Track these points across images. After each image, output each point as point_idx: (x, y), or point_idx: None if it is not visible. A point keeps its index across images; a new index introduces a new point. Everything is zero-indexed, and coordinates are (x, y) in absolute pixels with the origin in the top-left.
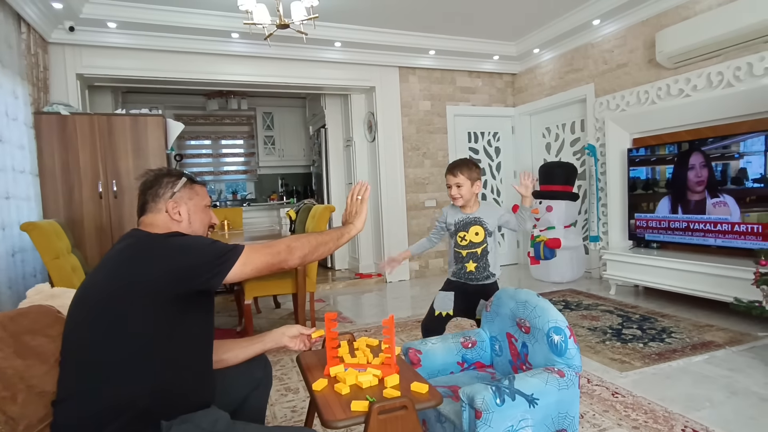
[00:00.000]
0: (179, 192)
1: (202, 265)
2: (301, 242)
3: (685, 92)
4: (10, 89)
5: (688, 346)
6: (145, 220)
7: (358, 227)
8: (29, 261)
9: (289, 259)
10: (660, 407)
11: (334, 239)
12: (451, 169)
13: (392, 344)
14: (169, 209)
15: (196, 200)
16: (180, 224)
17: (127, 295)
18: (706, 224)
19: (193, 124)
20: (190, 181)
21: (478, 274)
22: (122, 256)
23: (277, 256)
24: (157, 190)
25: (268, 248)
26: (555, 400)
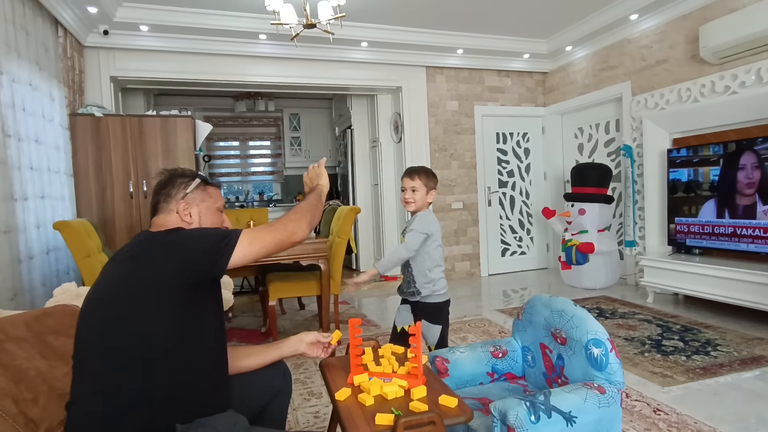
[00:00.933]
0: (192, 193)
1: (207, 250)
2: (299, 214)
3: (731, 89)
4: (47, 91)
5: (736, 361)
6: (157, 221)
7: (324, 184)
8: (62, 259)
9: (297, 230)
10: (708, 427)
11: (318, 200)
12: (410, 173)
13: (419, 353)
14: (180, 210)
15: (209, 202)
16: (190, 226)
17: (134, 293)
18: (756, 230)
19: (221, 126)
20: (204, 182)
21: (405, 286)
22: (128, 256)
23: (285, 231)
24: (170, 191)
25: (273, 225)
26: (595, 419)
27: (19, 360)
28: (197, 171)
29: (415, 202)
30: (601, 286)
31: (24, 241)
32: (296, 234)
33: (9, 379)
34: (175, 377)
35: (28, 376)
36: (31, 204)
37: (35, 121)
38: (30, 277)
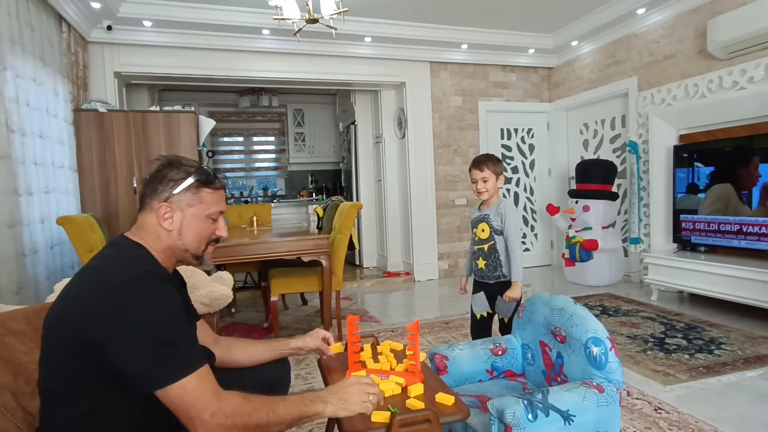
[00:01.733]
0: (179, 195)
1: (141, 360)
2: (232, 420)
3: (740, 84)
4: (51, 87)
5: (740, 360)
6: (140, 219)
7: (331, 411)
8: (67, 253)
9: (198, 428)
10: (710, 427)
11: (286, 422)
12: (477, 164)
13: (417, 351)
14: (160, 213)
15: (198, 208)
16: (170, 233)
17: (69, 339)
18: (762, 227)
19: (225, 121)
20: (199, 182)
21: (488, 272)
22: (83, 285)
23: (190, 413)
24: (156, 186)
25: (199, 394)
26: (593, 418)
27: (19, 354)
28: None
29: (488, 191)
30: (605, 284)
31: (28, 236)
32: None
33: (8, 373)
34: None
35: (27, 370)
36: (36, 199)
37: (39, 116)
38: (35, 271)
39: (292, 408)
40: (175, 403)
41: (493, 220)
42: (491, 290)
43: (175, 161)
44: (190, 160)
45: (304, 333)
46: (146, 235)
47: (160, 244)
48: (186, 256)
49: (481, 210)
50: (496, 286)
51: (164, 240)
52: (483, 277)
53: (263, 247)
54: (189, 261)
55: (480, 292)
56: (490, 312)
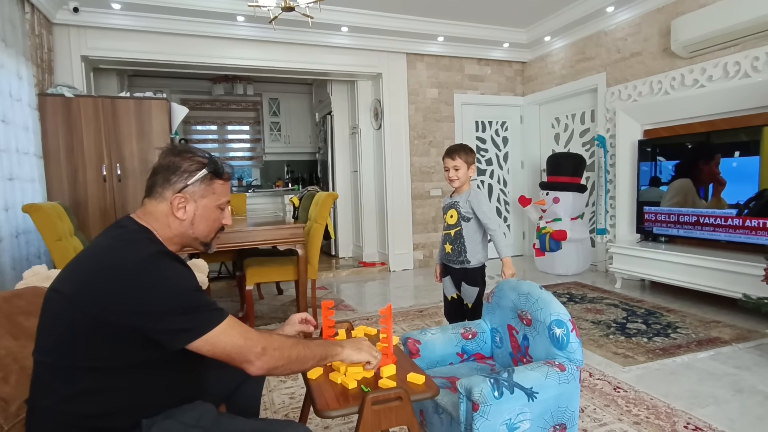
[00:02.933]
0: (193, 186)
1: (170, 322)
2: (280, 352)
3: (699, 82)
4: (14, 69)
5: (693, 342)
6: (147, 206)
7: (347, 354)
8: (33, 242)
9: (255, 362)
10: (663, 403)
11: (316, 359)
12: (450, 153)
13: (390, 334)
14: (174, 203)
15: (210, 199)
16: (182, 222)
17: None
18: (717, 218)
19: (199, 109)
20: (213, 174)
21: (453, 256)
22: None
23: (244, 353)
24: (170, 176)
25: (245, 335)
26: (555, 394)
27: None
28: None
29: (459, 179)
30: (572, 273)
31: None
32: (250, 364)
33: None
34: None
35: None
36: None
37: (2, 100)
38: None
39: (320, 346)
40: (227, 345)
41: (461, 207)
42: (456, 275)
43: (185, 151)
44: (200, 150)
45: (281, 322)
46: (154, 222)
47: (169, 232)
48: (194, 243)
49: (453, 197)
50: (459, 271)
51: (175, 228)
52: (449, 261)
53: (238, 235)
54: (196, 247)
55: (447, 276)
56: (458, 295)
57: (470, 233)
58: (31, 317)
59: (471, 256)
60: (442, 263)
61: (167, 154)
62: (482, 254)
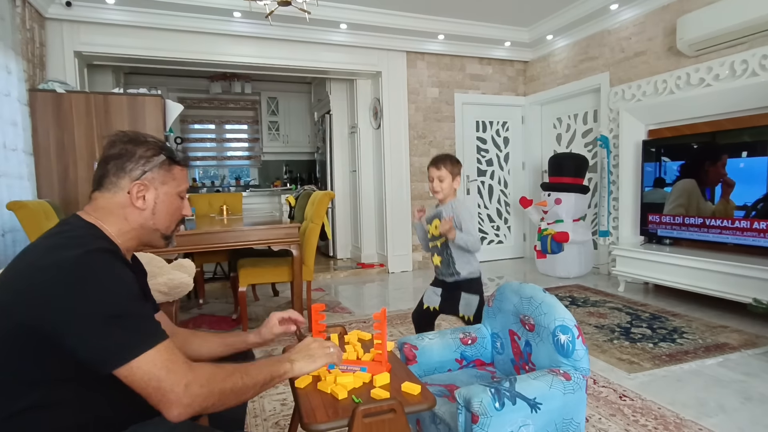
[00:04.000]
0: (151, 172)
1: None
2: (208, 389)
3: (706, 81)
4: (3, 64)
5: (700, 348)
6: (99, 200)
7: (299, 369)
8: (20, 241)
9: (173, 405)
10: (671, 412)
11: (259, 385)
12: (435, 162)
13: (384, 339)
14: (133, 192)
15: (170, 186)
16: (142, 213)
17: (17, 327)
18: (724, 220)
19: (196, 108)
20: (170, 159)
21: (443, 269)
22: (31, 267)
23: (163, 391)
24: (124, 164)
25: (169, 366)
26: (559, 405)
27: None
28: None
29: (442, 190)
30: (574, 275)
31: None
32: (167, 404)
33: None
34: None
35: None
36: None
37: None
38: None
39: (263, 370)
40: (143, 379)
41: (445, 215)
42: (450, 289)
43: (138, 137)
44: (152, 136)
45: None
46: (108, 216)
47: (125, 226)
48: (154, 237)
49: (437, 207)
50: (453, 285)
51: (133, 221)
52: (441, 275)
53: (232, 235)
54: (156, 242)
55: (437, 287)
56: (436, 309)
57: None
58: None
59: (460, 267)
60: (435, 277)
61: (117, 143)
62: (473, 265)
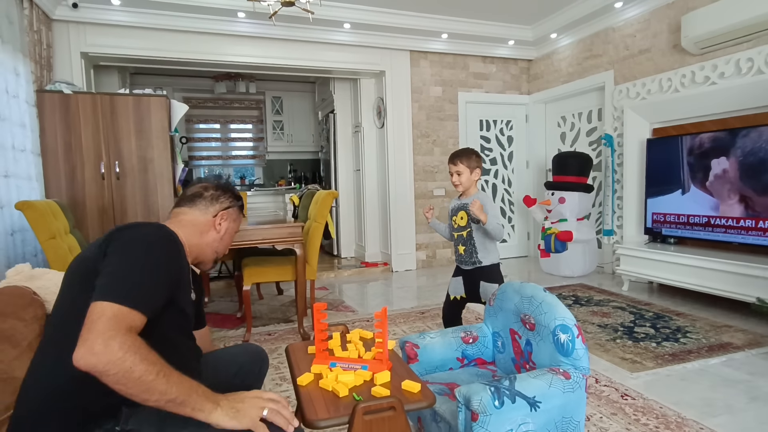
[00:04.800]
0: (232, 209)
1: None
2: (132, 361)
3: (711, 80)
4: (11, 66)
5: (704, 347)
6: (188, 214)
7: (216, 418)
8: (29, 241)
9: (89, 350)
10: (673, 412)
11: (168, 398)
12: (452, 158)
13: (385, 338)
14: (218, 217)
15: (235, 225)
16: (216, 234)
17: (93, 270)
18: (729, 219)
19: (201, 108)
20: (241, 208)
21: (466, 257)
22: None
23: (92, 331)
24: (219, 196)
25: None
26: (559, 404)
27: None
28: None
29: (462, 184)
30: (578, 274)
31: None
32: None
33: None
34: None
35: None
36: None
37: None
38: None
39: (183, 387)
40: (91, 316)
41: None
42: (470, 276)
43: (230, 184)
44: (236, 190)
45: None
46: (186, 227)
47: (197, 240)
48: (208, 256)
49: (461, 199)
50: (475, 272)
51: (206, 238)
52: (462, 262)
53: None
54: (208, 262)
55: (459, 276)
56: (464, 297)
57: (480, 235)
58: (8, 319)
59: (482, 256)
60: (456, 266)
61: (216, 183)
62: (494, 254)
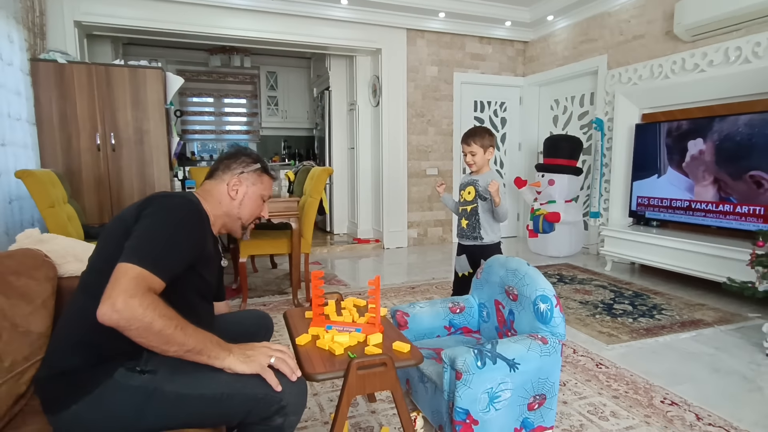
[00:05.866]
0: (247, 173)
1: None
2: (152, 316)
3: (700, 67)
4: (5, 32)
5: (677, 324)
6: (207, 185)
7: (230, 363)
8: (27, 209)
9: (113, 306)
10: (642, 379)
11: (186, 348)
12: (466, 139)
13: (378, 304)
14: (230, 184)
15: (258, 188)
16: (232, 202)
17: (125, 232)
18: (708, 204)
19: (195, 81)
20: (263, 170)
21: (469, 231)
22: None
23: (116, 287)
24: (231, 163)
25: (141, 286)
26: (536, 366)
27: None
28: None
29: (476, 163)
30: (564, 255)
31: None
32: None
33: None
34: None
35: None
36: None
37: None
38: None
39: (199, 338)
40: (116, 275)
41: (480, 185)
42: (471, 252)
43: (247, 151)
44: (256, 153)
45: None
46: (208, 198)
47: (218, 209)
48: (235, 225)
49: (472, 175)
50: (475, 249)
51: (225, 205)
52: (464, 236)
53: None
54: (235, 230)
55: (462, 255)
56: (471, 272)
57: (485, 211)
58: (22, 277)
59: (484, 233)
60: (459, 243)
61: (229, 151)
62: (496, 233)
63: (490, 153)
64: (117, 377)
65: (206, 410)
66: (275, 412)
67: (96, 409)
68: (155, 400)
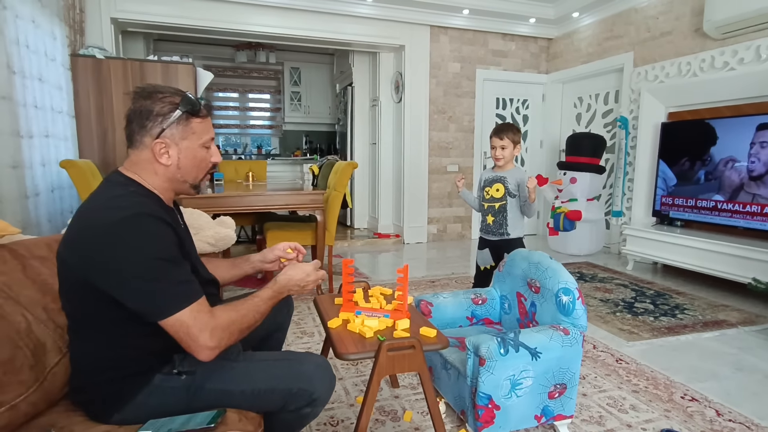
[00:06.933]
0: (170, 129)
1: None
2: (229, 332)
3: (730, 65)
4: (49, 29)
5: (699, 323)
6: (132, 156)
7: (283, 280)
8: (66, 198)
9: (203, 351)
10: (662, 375)
11: (261, 311)
12: (498, 133)
13: (405, 291)
14: (156, 150)
15: (191, 140)
16: (167, 168)
17: (77, 280)
18: (735, 204)
19: (221, 76)
20: (188, 114)
21: (495, 228)
22: (80, 224)
23: (194, 340)
24: (144, 122)
25: (199, 325)
26: (557, 356)
27: (44, 275)
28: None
29: (504, 158)
30: (585, 253)
31: (30, 178)
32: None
33: (37, 291)
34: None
35: (53, 290)
36: (36, 142)
37: (38, 59)
38: (36, 213)
39: (264, 297)
40: (174, 328)
41: (509, 182)
42: (495, 247)
43: (155, 92)
44: (169, 89)
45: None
46: (141, 171)
47: (156, 180)
48: (184, 187)
49: (495, 172)
50: (500, 243)
51: (161, 174)
52: (488, 233)
53: (261, 199)
54: (187, 191)
55: (485, 249)
56: (493, 265)
57: (513, 208)
58: None
59: (511, 229)
60: (481, 237)
61: (137, 98)
62: (521, 228)
63: (517, 149)
64: (156, 382)
65: (245, 404)
66: (306, 404)
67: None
68: (198, 398)
